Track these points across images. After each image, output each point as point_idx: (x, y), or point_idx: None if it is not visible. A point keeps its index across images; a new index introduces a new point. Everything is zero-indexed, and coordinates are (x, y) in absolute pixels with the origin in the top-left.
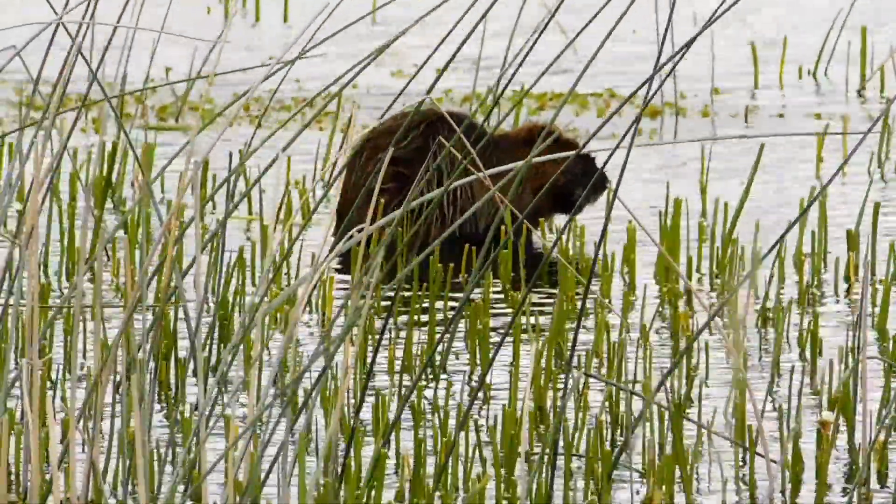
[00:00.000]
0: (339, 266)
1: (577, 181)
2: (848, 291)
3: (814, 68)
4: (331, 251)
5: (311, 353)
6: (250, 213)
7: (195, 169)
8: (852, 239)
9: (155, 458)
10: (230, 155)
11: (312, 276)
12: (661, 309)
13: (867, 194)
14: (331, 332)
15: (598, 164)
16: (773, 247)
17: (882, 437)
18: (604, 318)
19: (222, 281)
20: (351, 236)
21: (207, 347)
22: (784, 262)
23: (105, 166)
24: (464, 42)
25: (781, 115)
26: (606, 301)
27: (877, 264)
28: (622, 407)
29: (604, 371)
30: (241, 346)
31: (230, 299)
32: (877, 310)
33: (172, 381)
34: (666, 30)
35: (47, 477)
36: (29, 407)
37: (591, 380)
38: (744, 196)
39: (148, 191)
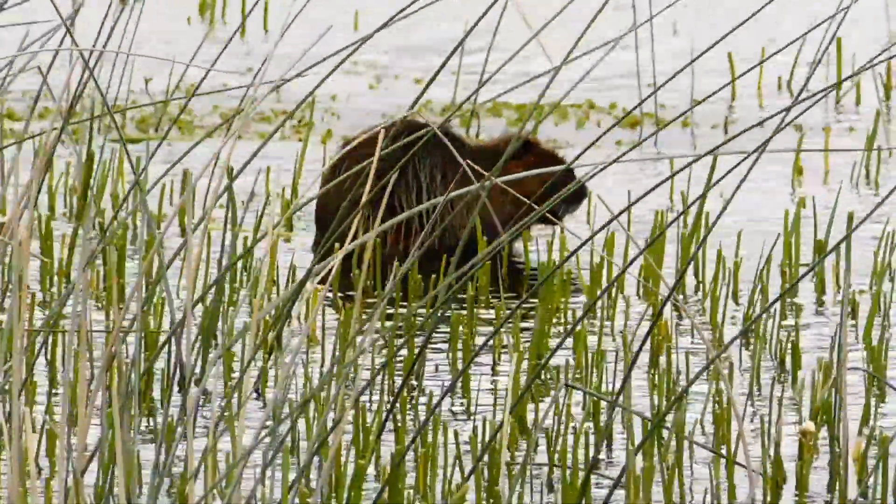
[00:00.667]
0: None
1: (555, 191)
2: (820, 302)
3: (789, 78)
4: (313, 265)
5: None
6: (234, 225)
7: (219, 182)
8: (821, 248)
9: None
10: (219, 163)
11: (297, 291)
12: (644, 319)
13: (836, 204)
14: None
15: (577, 174)
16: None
17: (863, 445)
18: (584, 331)
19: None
20: (331, 250)
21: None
22: (770, 273)
23: (86, 177)
24: (448, 57)
25: (762, 126)
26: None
27: (852, 274)
28: (603, 418)
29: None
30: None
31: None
32: (860, 321)
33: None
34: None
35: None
36: (5, 419)
37: (574, 392)
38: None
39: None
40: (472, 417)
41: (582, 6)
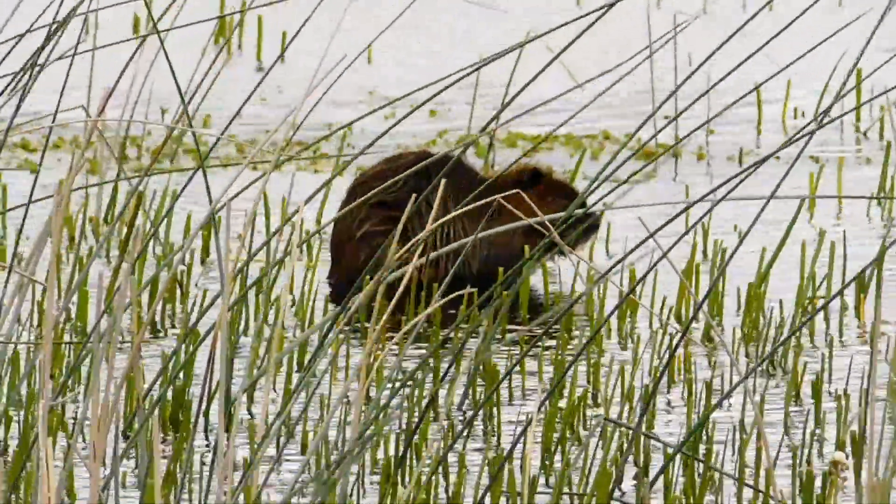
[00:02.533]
0: (335, 303)
1: (566, 223)
2: (843, 333)
3: (815, 109)
4: (332, 296)
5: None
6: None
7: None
8: (861, 282)
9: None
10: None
11: (325, 332)
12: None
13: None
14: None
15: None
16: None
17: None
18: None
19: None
20: (360, 287)
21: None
22: (802, 305)
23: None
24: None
25: (778, 158)
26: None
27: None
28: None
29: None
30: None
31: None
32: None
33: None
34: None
35: None
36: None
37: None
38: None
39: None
40: (497, 448)
41: (603, 32)
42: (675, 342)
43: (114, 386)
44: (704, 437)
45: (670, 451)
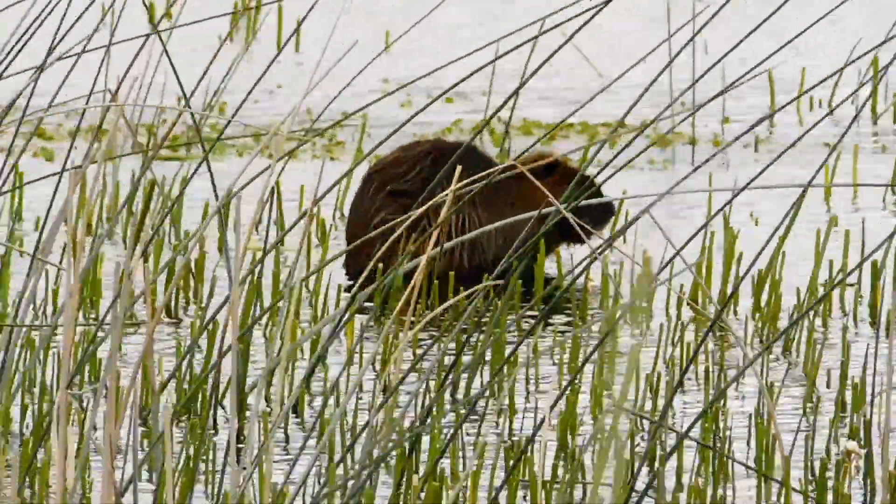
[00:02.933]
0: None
1: (583, 211)
2: (874, 322)
3: (829, 98)
4: (349, 285)
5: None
6: (281, 243)
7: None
8: (875, 268)
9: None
10: (274, 188)
11: (345, 313)
12: (696, 339)
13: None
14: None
15: (605, 193)
16: (840, 286)
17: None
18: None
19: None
20: (373, 278)
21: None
22: (814, 291)
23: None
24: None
25: (794, 145)
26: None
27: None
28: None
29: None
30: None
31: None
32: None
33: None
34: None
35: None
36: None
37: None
38: (782, 240)
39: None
40: (512, 436)
41: (616, 20)
42: (685, 330)
43: (124, 371)
44: (720, 427)
45: (688, 440)
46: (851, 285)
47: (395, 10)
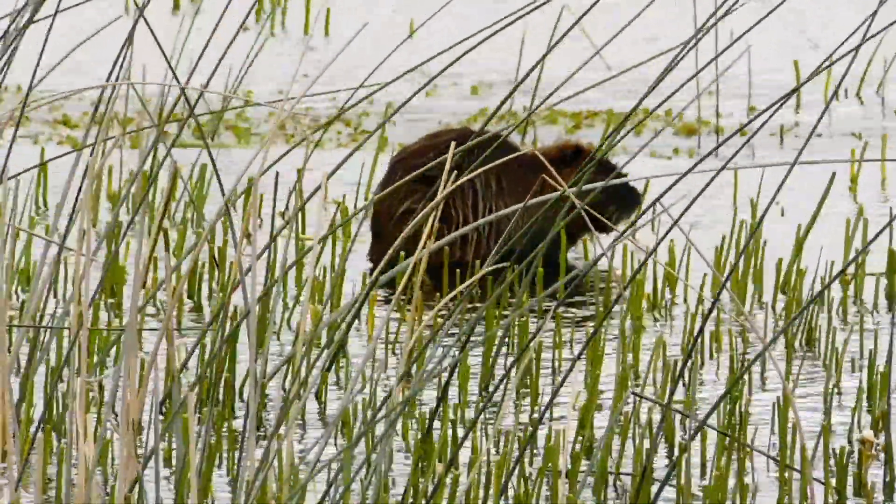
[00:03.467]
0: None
1: (609, 199)
2: (890, 310)
3: (858, 87)
4: (372, 273)
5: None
6: (303, 232)
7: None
8: (892, 258)
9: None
10: (276, 175)
11: (363, 299)
12: (718, 329)
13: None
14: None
15: (631, 183)
16: (838, 275)
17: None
18: (661, 339)
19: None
20: (394, 262)
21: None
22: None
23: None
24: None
25: (820, 135)
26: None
27: None
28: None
29: (651, 391)
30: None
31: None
32: None
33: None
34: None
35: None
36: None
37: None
38: (809, 225)
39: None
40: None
41: (639, 10)
42: (705, 318)
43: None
44: (742, 415)
45: (709, 428)
46: (873, 275)
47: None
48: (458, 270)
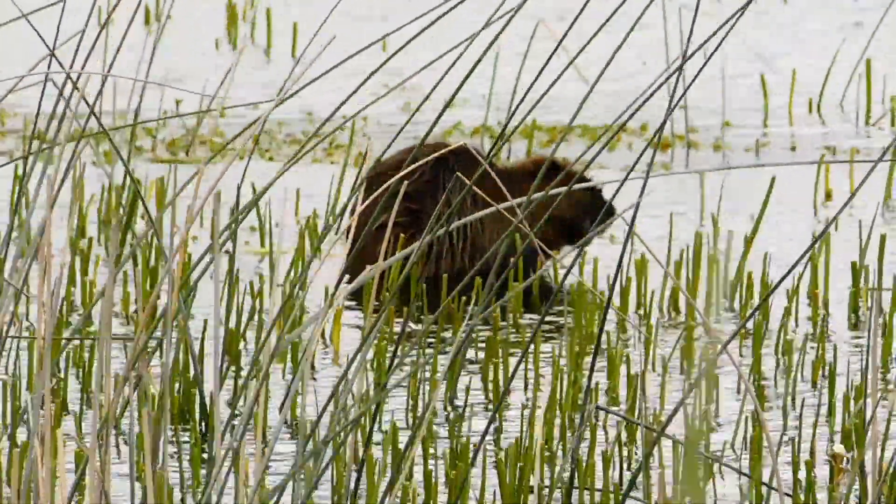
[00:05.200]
0: (349, 299)
1: (585, 213)
2: (855, 325)
3: (818, 101)
4: (339, 284)
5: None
6: (262, 246)
7: (205, 200)
8: (856, 272)
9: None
10: (238, 188)
11: (326, 312)
12: (676, 341)
13: (871, 226)
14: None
15: (606, 195)
16: (783, 279)
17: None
18: (620, 352)
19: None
20: (358, 271)
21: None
22: (798, 294)
23: (115, 199)
24: (470, 72)
25: (794, 149)
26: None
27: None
28: (632, 441)
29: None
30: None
31: (240, 331)
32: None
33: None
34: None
35: None
36: (38, 437)
37: (602, 414)
38: (754, 227)
39: (154, 224)
40: (500, 437)
41: (612, 28)
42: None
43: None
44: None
45: (681, 440)
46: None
47: (394, 13)
48: (423, 285)
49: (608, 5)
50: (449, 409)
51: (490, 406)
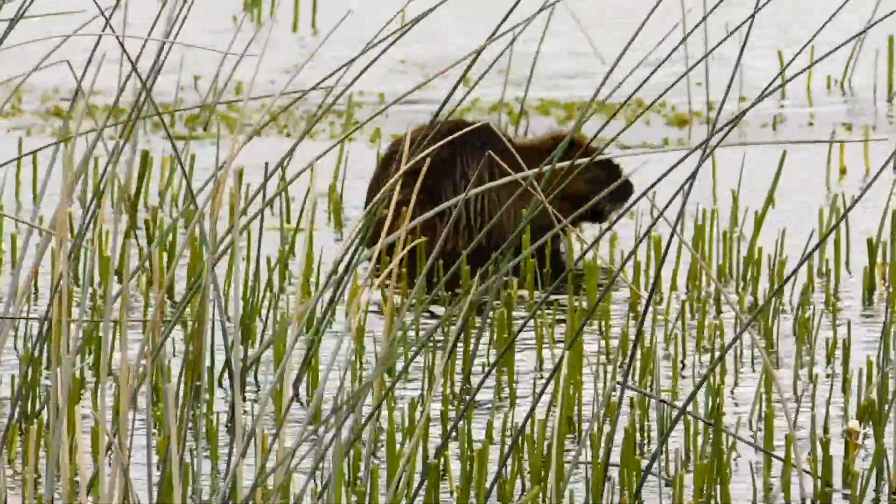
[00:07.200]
0: (365, 271)
1: (602, 189)
2: (870, 301)
3: (841, 78)
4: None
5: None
6: (287, 222)
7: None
8: (872, 248)
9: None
10: (266, 165)
11: (345, 280)
12: (692, 317)
13: (888, 202)
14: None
15: (623, 172)
16: (804, 260)
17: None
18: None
19: (246, 288)
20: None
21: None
22: (812, 271)
23: (136, 175)
24: (481, 49)
25: (811, 125)
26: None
27: None
28: (652, 417)
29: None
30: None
31: (260, 305)
32: None
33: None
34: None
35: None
36: (58, 415)
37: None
38: (766, 204)
39: (193, 201)
40: (513, 408)
41: (632, 4)
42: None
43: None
44: (725, 405)
45: (697, 418)
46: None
47: None
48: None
49: None
50: (467, 385)
51: (505, 387)
